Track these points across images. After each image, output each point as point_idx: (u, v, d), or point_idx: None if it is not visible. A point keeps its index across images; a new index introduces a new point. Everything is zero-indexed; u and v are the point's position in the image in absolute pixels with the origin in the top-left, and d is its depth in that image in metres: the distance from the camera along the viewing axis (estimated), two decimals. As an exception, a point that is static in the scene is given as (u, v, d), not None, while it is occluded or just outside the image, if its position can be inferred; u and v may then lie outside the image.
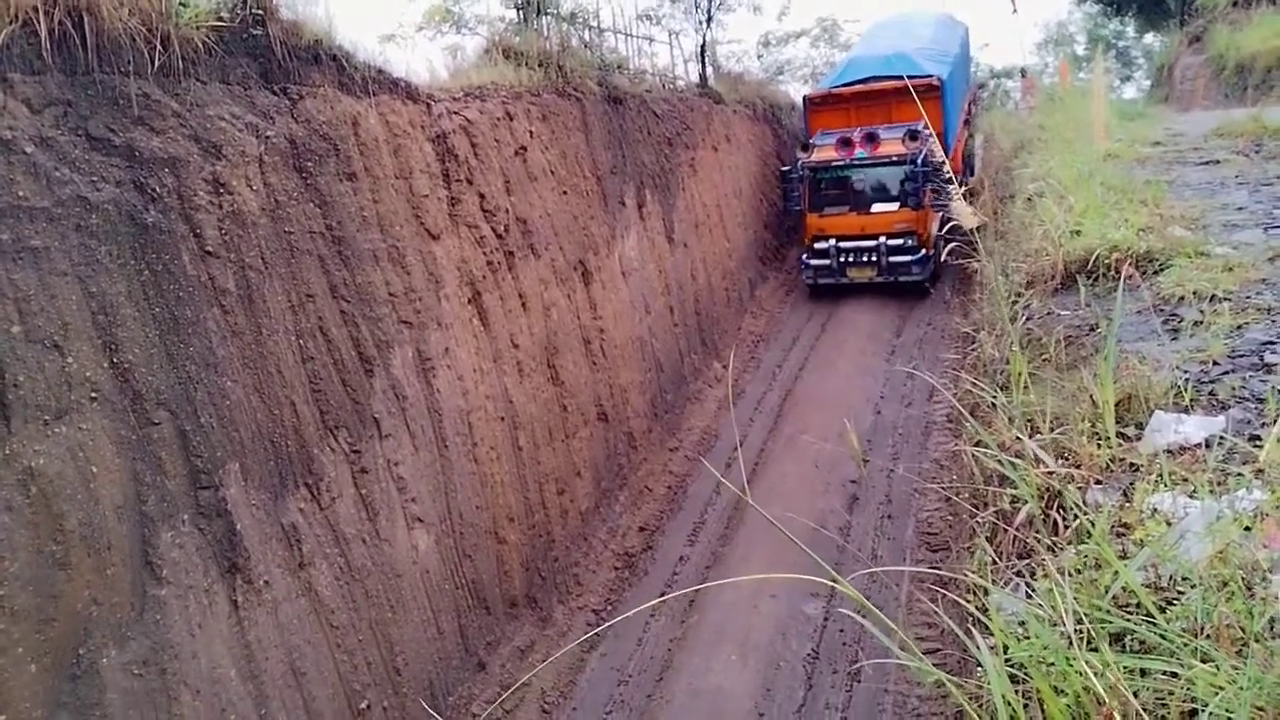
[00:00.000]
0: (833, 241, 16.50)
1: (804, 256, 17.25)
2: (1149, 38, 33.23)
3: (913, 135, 15.74)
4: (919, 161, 15.44)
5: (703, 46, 19.31)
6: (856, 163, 16.35)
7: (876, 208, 16.33)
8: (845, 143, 16.21)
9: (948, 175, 4.45)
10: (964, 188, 12.45)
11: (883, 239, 16.05)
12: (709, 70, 19.46)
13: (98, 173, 4.92)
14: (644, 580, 9.79)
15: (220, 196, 5.71)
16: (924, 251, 15.93)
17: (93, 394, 4.70)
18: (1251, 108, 12.38)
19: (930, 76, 16.49)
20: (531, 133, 10.16)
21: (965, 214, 3.13)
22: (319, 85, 6.79)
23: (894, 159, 15.97)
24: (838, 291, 17.13)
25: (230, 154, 5.80)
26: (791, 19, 41.16)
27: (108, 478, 4.70)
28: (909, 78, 16.33)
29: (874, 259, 16.25)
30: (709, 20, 19.46)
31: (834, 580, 2.10)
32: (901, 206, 16.02)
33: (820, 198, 16.84)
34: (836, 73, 19.10)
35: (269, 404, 5.99)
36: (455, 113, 8.73)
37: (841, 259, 16.57)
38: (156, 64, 5.28)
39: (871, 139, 16.07)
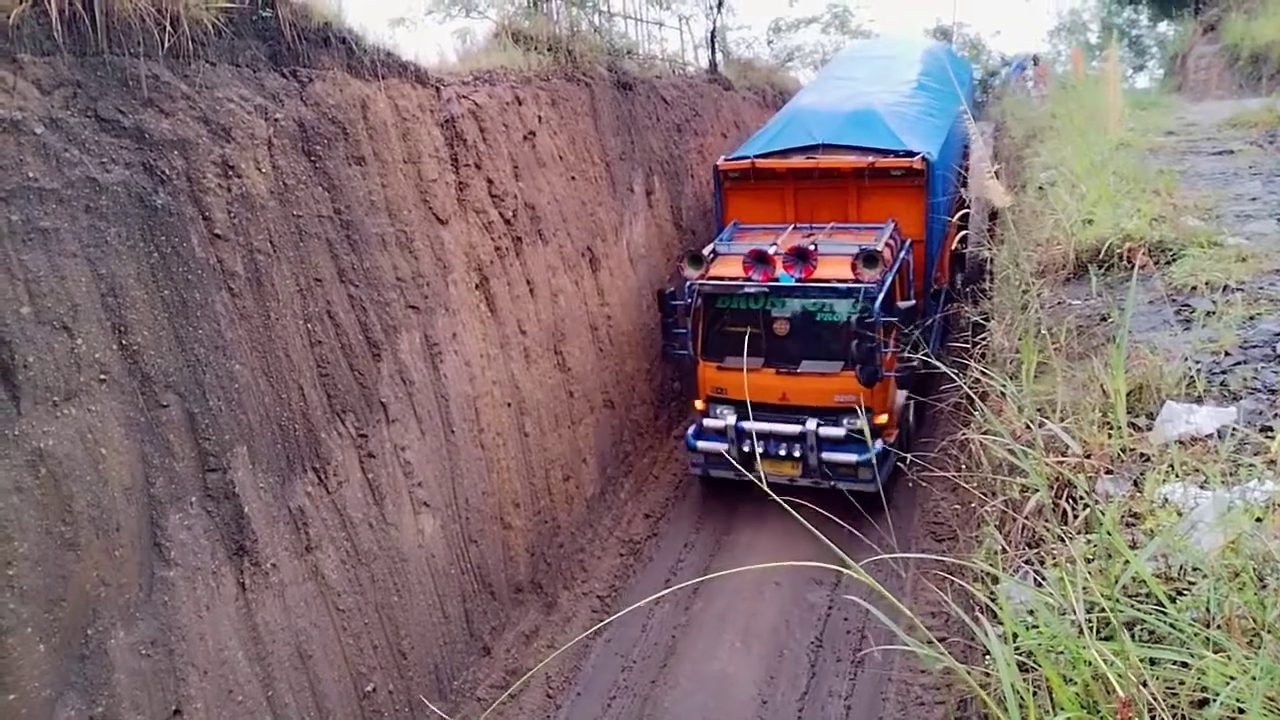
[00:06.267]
0: (732, 419, 10.10)
1: (690, 431, 10.71)
2: (1162, 26, 32.96)
3: (869, 259, 9.37)
4: (877, 301, 9.28)
5: (713, 32, 19.22)
6: (777, 289, 9.86)
7: (808, 366, 9.95)
8: (760, 259, 9.69)
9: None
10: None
11: (813, 423, 9.74)
12: (719, 56, 19.38)
13: (107, 154, 4.92)
14: (649, 566, 9.82)
15: (229, 179, 5.71)
16: (879, 444, 9.52)
17: (102, 376, 4.71)
18: (1266, 98, 12.27)
19: (913, 156, 10.68)
20: (540, 118, 10.13)
21: (999, 193, 3.10)
22: (328, 68, 6.77)
23: (837, 289, 9.65)
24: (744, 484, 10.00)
25: (239, 136, 5.80)
26: (802, 4, 40.99)
27: (116, 459, 4.71)
28: (879, 153, 10.91)
29: (798, 452, 9.91)
30: (719, 5, 19.34)
31: (844, 565, 2.10)
32: (847, 368, 9.66)
33: (720, 340, 10.32)
34: (770, 132, 12.39)
35: (277, 387, 6.00)
36: (464, 97, 8.71)
37: (745, 447, 10.05)
38: (166, 45, 5.27)
39: (802, 257, 9.59)
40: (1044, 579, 2.38)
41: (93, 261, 4.75)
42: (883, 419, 9.97)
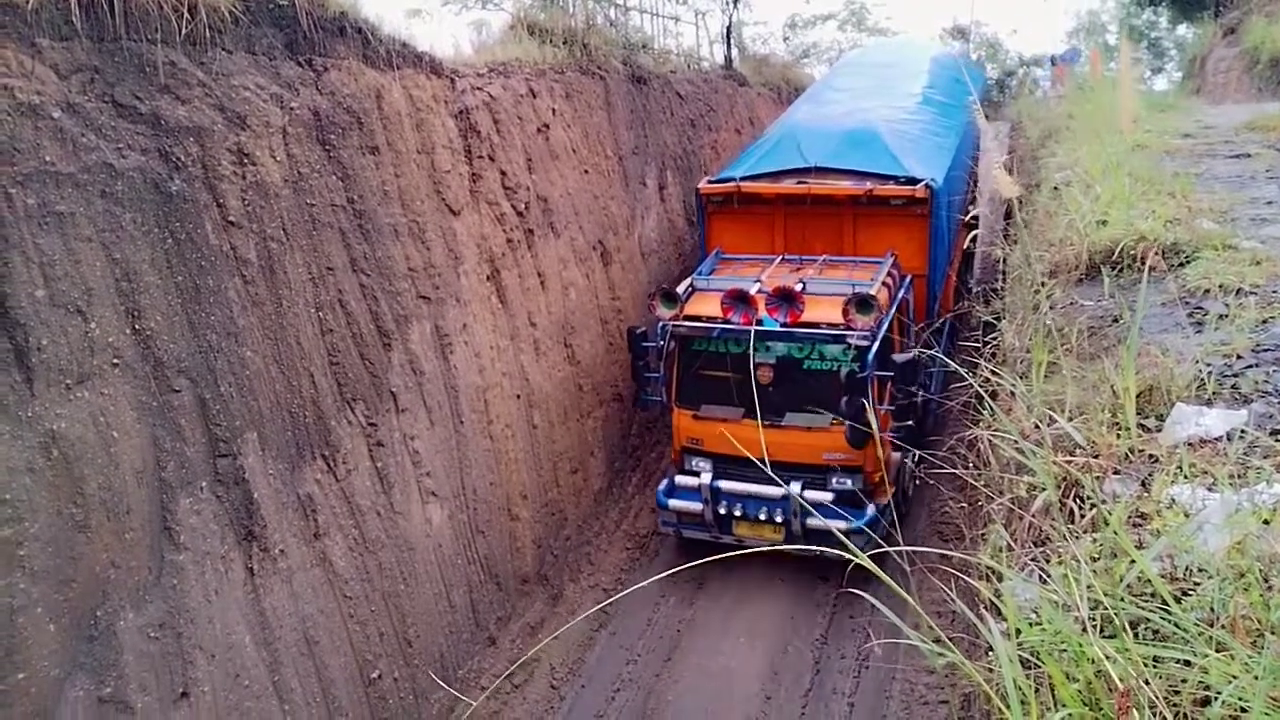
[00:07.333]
0: (708, 477, 9.04)
1: (662, 485, 9.55)
2: (1181, 29, 32.76)
3: (862, 304, 8.22)
4: (869, 354, 8.20)
5: (729, 27, 19.19)
6: (759, 333, 8.55)
7: (793, 418, 8.80)
8: (740, 299, 8.54)
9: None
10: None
11: (797, 486, 8.56)
12: (734, 52, 19.35)
13: (124, 140, 4.95)
14: (655, 560, 9.83)
15: (244, 167, 5.74)
16: (869, 508, 8.43)
17: (115, 360, 4.75)
18: (1285, 102, 12.18)
19: (915, 183, 9.58)
20: (554, 110, 10.13)
21: (1006, 184, 3.09)
22: (344, 57, 6.79)
23: (825, 335, 8.54)
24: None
25: (255, 124, 5.82)
26: (819, 1, 40.91)
27: (128, 443, 4.75)
28: (879, 178, 9.78)
29: (780, 516, 8.85)
30: (735, 1, 19.30)
31: (853, 555, 2.10)
32: (836, 422, 8.46)
33: (695, 387, 9.22)
34: (760, 150, 11.10)
35: (288, 375, 6.03)
36: (479, 88, 8.72)
37: (721, 509, 9.06)
38: (183, 32, 5.30)
39: (788, 299, 8.47)
40: (1049, 577, 2.38)
41: (107, 246, 4.78)
42: (874, 481, 8.77)
